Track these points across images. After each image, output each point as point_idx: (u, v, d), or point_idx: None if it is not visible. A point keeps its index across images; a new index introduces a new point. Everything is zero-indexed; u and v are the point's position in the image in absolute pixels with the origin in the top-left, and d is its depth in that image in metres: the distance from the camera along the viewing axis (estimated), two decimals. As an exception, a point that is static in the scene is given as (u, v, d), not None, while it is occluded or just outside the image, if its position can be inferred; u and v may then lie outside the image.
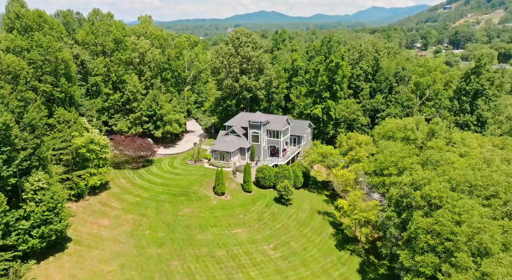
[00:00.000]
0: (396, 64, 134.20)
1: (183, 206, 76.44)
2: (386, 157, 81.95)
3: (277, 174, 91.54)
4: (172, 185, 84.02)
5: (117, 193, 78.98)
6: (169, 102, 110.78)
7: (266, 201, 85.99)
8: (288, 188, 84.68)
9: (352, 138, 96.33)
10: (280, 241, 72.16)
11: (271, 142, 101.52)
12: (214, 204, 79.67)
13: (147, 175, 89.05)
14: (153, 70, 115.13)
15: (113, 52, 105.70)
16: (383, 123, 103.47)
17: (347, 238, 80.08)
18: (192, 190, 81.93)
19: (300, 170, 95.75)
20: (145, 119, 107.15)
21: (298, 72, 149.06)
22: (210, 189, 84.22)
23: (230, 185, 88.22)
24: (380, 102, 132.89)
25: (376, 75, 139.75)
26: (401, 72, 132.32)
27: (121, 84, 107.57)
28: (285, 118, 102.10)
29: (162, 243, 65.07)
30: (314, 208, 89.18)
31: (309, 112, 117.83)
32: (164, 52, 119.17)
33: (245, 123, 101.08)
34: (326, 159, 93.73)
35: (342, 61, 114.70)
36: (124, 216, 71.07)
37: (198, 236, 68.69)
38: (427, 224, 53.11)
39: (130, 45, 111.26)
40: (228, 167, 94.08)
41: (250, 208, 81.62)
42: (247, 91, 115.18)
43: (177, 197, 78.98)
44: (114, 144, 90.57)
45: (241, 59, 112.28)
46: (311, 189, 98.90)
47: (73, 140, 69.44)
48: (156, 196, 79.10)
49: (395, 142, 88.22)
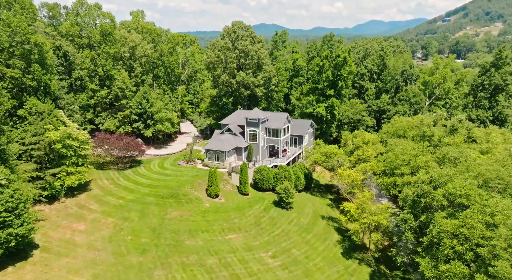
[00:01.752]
0: (403, 62, 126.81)
1: (172, 209, 68.37)
2: (397, 155, 74.08)
3: (276, 176, 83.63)
4: (160, 186, 76.04)
5: (98, 195, 70.91)
6: (161, 100, 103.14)
7: (264, 204, 77.97)
8: (289, 190, 76.78)
9: (358, 136, 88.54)
10: (280, 248, 63.96)
11: (270, 141, 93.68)
12: (207, 207, 71.63)
13: (133, 176, 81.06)
14: (144, 67, 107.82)
15: (100, 45, 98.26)
16: (392, 121, 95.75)
17: (354, 245, 71.96)
18: (183, 192, 73.92)
19: (302, 171, 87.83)
20: (134, 118, 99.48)
21: (300, 72, 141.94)
22: (202, 191, 76.24)
23: (225, 186, 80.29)
24: (386, 103, 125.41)
25: (382, 75, 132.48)
26: (409, 70, 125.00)
27: (108, 80, 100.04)
28: (285, 115, 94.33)
29: (145, 250, 56.85)
30: (317, 212, 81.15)
31: (312, 111, 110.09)
32: (156, 47, 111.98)
33: (242, 121, 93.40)
34: (330, 159, 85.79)
35: (348, 56, 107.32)
36: (103, 220, 62.92)
37: (187, 242, 60.51)
38: (452, 227, 45.06)
39: (119, 39, 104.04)
40: (223, 167, 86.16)
41: (246, 211, 73.57)
42: (245, 88, 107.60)
43: (165, 199, 70.95)
44: (97, 142, 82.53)
45: (239, 54, 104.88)
46: (313, 192, 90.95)
47: (46, 133, 61.52)
48: (142, 198, 71.07)
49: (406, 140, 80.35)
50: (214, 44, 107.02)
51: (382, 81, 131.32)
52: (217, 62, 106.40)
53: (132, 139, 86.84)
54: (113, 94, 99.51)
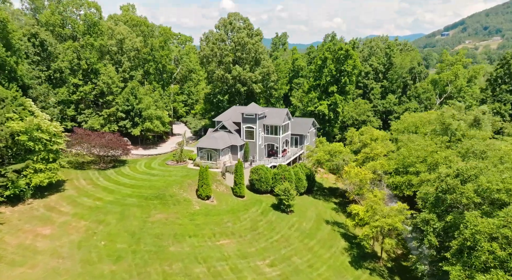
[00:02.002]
0: (411, 59, 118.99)
1: (156, 211, 59.82)
2: (411, 151, 65.73)
3: (275, 176, 75.28)
4: (145, 187, 67.59)
5: (71, 196, 62.36)
6: (150, 97, 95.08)
7: (262, 207, 69.44)
8: (289, 191, 68.40)
9: (366, 133, 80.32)
10: (279, 256, 55.27)
11: (268, 139, 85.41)
12: (196, 210, 63.11)
13: (115, 176, 72.61)
14: (133, 62, 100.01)
15: (84, 36, 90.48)
16: (402, 117, 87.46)
17: (364, 253, 63.38)
18: (170, 193, 65.45)
19: (303, 172, 79.44)
20: (121, 116, 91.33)
21: (300, 73, 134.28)
22: (192, 192, 67.80)
23: (217, 188, 71.87)
24: (393, 103, 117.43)
25: (388, 73, 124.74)
26: (417, 68, 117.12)
27: (93, 75, 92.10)
28: (285, 111, 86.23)
29: (120, 257, 48.17)
30: (321, 216, 72.64)
31: (313, 109, 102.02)
32: (146, 41, 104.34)
33: (238, 117, 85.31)
34: (334, 157, 77.43)
35: (352, 50, 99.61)
36: (74, 223, 54.30)
37: (171, 248, 51.85)
38: (490, 227, 36.61)
39: (105, 31, 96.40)
40: (216, 167, 77.71)
41: (241, 215, 65.01)
42: (241, 84, 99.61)
43: (149, 201, 62.43)
44: (75, 139, 73.99)
45: (234, 47, 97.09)
46: (316, 196, 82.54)
47: (8, 123, 53.25)
48: (123, 199, 62.56)
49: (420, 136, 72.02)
50: (208, 36, 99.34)
51: (388, 81, 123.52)
52: (211, 56, 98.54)
53: (115, 136, 78.58)
54: (98, 90, 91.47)
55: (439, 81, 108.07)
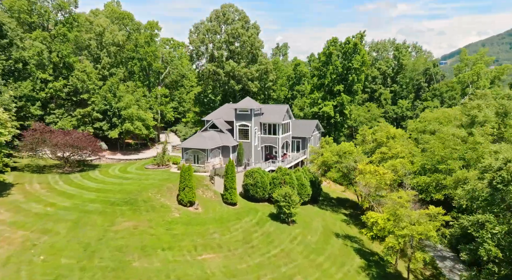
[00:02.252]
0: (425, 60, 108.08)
1: (123, 219, 47.22)
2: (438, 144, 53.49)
3: (274, 181, 63.06)
4: (114, 191, 55.11)
5: (15, 201, 49.73)
6: (132, 94, 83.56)
7: (257, 217, 56.84)
8: (291, 196, 56.02)
9: (381, 130, 68.19)
10: (278, 274, 42.43)
11: (266, 140, 73.40)
12: (175, 217, 50.51)
13: (79, 180, 60.15)
14: (115, 58, 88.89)
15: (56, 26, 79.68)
16: (422, 115, 75.61)
17: (385, 273, 50.69)
18: (144, 197, 53.00)
19: (307, 177, 67.12)
20: (97, 116, 79.60)
21: (301, 80, 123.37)
22: (172, 197, 55.34)
23: (204, 193, 59.40)
24: (405, 108, 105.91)
25: (397, 77, 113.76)
26: (433, 69, 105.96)
27: (66, 69, 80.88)
28: (285, 108, 74.58)
29: (60, 277, 35.32)
30: (329, 229, 59.99)
31: (317, 110, 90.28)
32: (130, 37, 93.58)
33: (230, 116, 73.80)
34: (344, 159, 65.09)
35: (360, 44, 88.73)
36: (8, 234, 41.53)
37: (136, 263, 39.05)
38: None
39: (83, 23, 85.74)
40: (204, 171, 65.47)
41: (232, 225, 52.32)
42: (236, 81, 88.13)
43: (116, 206, 49.89)
44: (31, 137, 61.23)
45: (228, 39, 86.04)
46: (322, 206, 70.05)
47: None
48: (83, 204, 49.94)
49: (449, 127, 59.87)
50: (198, 27, 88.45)
51: (398, 85, 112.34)
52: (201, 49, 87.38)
53: (84, 134, 66.46)
54: (71, 87, 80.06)
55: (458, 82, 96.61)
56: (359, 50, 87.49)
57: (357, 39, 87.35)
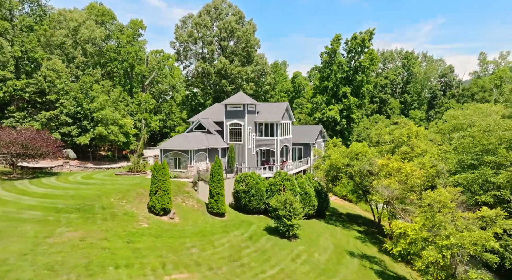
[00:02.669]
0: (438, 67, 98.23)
1: (67, 228, 35.13)
2: (479, 133, 42.03)
3: (271, 188, 51.40)
4: (65, 197, 43.04)
5: None
6: (108, 95, 72.74)
7: (250, 230, 44.80)
8: (292, 204, 44.24)
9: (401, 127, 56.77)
10: (279, 302, 30.06)
11: (262, 142, 61.92)
12: (142, 228, 38.39)
13: (25, 186, 48.05)
14: (92, 58, 78.62)
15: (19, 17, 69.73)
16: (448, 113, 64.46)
17: (419, 301, 38.17)
18: (103, 203, 41.01)
19: (312, 185, 55.34)
20: (66, 120, 68.40)
21: (301, 93, 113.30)
22: (142, 204, 43.32)
23: (185, 201, 47.43)
24: (419, 118, 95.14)
25: (407, 86, 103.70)
26: (450, 75, 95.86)
27: (30, 67, 70.41)
28: (285, 105, 63.62)
29: None
30: (341, 247, 47.68)
31: (320, 116, 79.14)
32: (111, 36, 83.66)
33: (220, 116, 62.83)
34: (357, 161, 53.34)
35: (369, 42, 78.75)
36: None
37: (69, 287, 26.77)
38: None
39: (56, 18, 75.95)
40: (186, 177, 53.61)
41: (217, 239, 40.20)
42: (228, 82, 77.37)
43: (62, 214, 37.86)
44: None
45: (220, 33, 75.91)
46: (330, 221, 57.79)
47: None
48: (17, 212, 37.84)
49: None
50: (185, 21, 78.39)
51: (409, 94, 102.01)
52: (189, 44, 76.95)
53: (41, 133, 54.86)
54: (35, 87, 69.26)
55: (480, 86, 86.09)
56: (368, 47, 77.29)
57: (366, 35, 77.26)
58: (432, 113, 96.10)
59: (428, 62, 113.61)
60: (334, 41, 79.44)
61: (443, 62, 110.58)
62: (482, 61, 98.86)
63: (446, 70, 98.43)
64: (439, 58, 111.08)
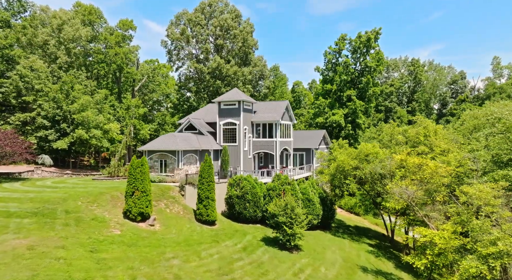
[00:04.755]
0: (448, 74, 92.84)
1: (15, 235, 28.37)
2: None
3: (269, 193, 44.61)
4: (23, 200, 36.21)
5: None
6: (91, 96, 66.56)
7: (245, 241, 37.89)
8: (294, 209, 37.49)
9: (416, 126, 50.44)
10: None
11: (259, 145, 55.36)
12: (112, 235, 31.57)
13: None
14: (77, 59, 72.83)
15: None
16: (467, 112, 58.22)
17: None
18: (68, 207, 34.22)
19: (316, 192, 48.64)
20: (43, 123, 61.97)
21: (301, 103, 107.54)
22: (116, 209, 36.51)
23: (169, 207, 40.58)
24: None
25: (415, 95, 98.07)
26: (460, 82, 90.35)
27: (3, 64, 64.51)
28: (285, 104, 57.35)
29: None
30: (351, 261, 40.62)
31: (324, 121, 72.83)
32: (98, 37, 78.12)
33: (213, 116, 56.51)
34: (367, 163, 46.70)
35: (375, 42, 73.21)
36: None
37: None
38: None
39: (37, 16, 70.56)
40: (172, 180, 46.86)
41: (205, 249, 33.30)
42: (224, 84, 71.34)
43: (12, 219, 31.12)
44: None
45: (215, 31, 70.24)
46: (337, 233, 50.86)
47: None
48: (-42, 214, 31.00)
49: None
50: (179, 17, 72.68)
51: (417, 102, 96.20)
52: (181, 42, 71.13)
53: (7, 132, 48.32)
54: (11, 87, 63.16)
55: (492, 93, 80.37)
56: (374, 47, 71.70)
57: (372, 34, 71.72)
58: (442, 122, 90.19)
59: (435, 70, 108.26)
60: (339, 41, 73.82)
61: (452, 70, 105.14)
62: (496, 66, 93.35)
63: (457, 76, 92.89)
64: (448, 66, 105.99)
